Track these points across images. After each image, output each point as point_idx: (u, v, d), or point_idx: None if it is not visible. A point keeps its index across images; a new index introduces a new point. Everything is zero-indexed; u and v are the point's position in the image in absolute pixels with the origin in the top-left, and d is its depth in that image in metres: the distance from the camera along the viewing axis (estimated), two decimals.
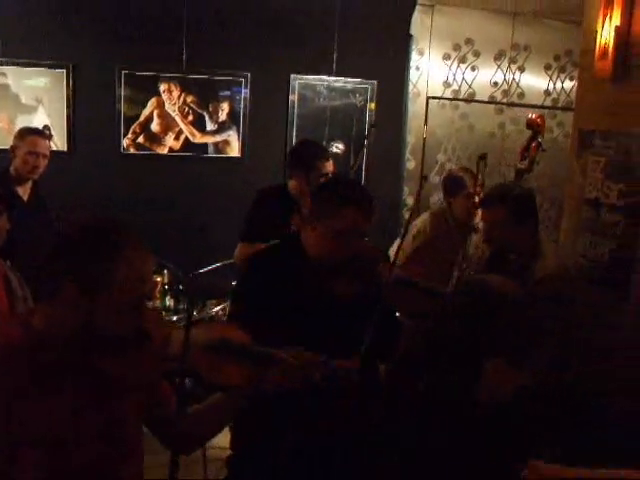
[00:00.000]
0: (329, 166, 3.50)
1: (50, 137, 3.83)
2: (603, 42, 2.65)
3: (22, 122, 4.59)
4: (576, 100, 3.04)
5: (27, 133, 3.67)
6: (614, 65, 2.60)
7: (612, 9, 2.61)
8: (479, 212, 3.74)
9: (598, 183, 2.77)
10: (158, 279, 4.32)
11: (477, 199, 3.64)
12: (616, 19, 2.59)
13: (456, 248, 3.75)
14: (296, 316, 1.94)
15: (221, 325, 1.74)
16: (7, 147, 4.21)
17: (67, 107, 4.71)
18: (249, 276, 2.34)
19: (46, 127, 4.60)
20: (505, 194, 2.78)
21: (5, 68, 4.55)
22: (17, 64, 4.56)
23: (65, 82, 4.68)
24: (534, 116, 3.52)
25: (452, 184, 3.94)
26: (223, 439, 2.09)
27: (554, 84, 5.58)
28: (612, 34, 2.59)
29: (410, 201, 5.53)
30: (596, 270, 2.75)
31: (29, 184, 3.70)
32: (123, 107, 4.83)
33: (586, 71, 2.88)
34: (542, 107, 5.56)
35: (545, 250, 2.79)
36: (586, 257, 2.82)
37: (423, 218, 4.10)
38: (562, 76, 5.58)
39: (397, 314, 2.75)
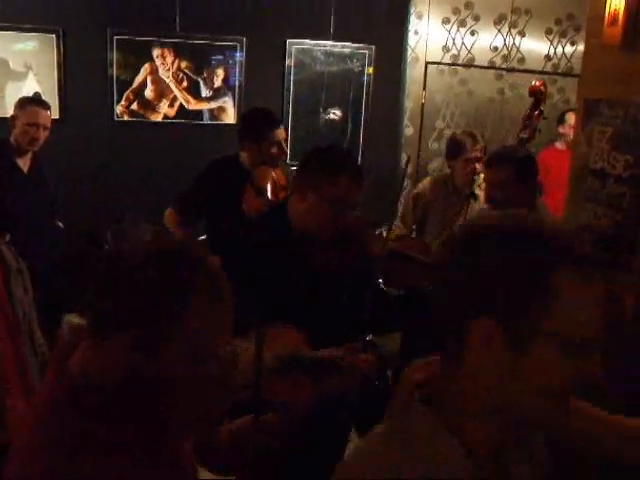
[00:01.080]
0: (281, 134, 3.41)
1: (49, 107, 3.70)
2: (613, 8, 2.56)
3: (11, 89, 4.49)
4: (582, 68, 2.95)
5: (27, 103, 3.58)
6: (624, 32, 2.52)
7: None
8: (480, 178, 3.70)
9: (604, 153, 2.71)
10: None
11: (478, 166, 3.58)
12: None
13: (454, 214, 3.72)
14: (294, 297, 1.86)
15: (278, 331, 1.52)
16: None
17: (58, 73, 4.58)
18: (245, 261, 2.06)
19: (37, 94, 4.48)
20: (510, 155, 2.85)
21: None
22: (5, 29, 4.42)
23: (55, 47, 4.55)
24: (537, 83, 3.44)
25: (453, 147, 3.87)
26: None
27: (555, 49, 5.50)
28: None
29: (409, 168, 5.46)
30: (600, 241, 2.71)
31: (29, 155, 3.62)
32: (115, 73, 4.71)
33: (593, 38, 2.79)
34: (542, 72, 5.48)
35: (541, 211, 2.82)
36: (589, 229, 2.77)
37: (423, 183, 4.04)
38: (563, 41, 5.49)
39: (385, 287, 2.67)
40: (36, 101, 3.71)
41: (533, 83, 3.49)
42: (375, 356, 1.65)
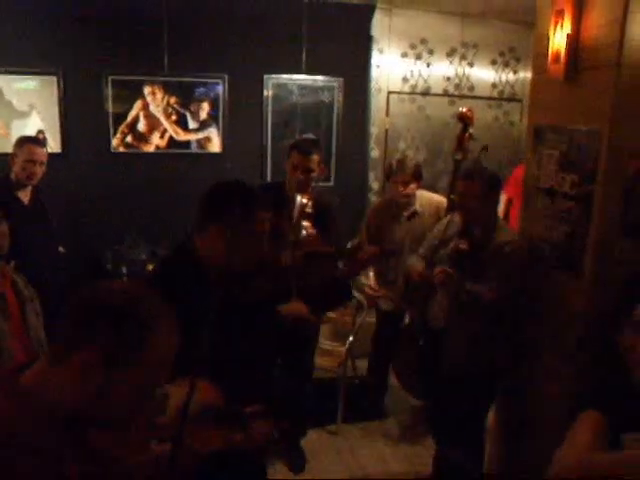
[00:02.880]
0: (312, 160, 3.21)
1: (45, 144, 3.68)
2: (555, 47, 2.64)
3: (17, 126, 4.42)
4: (530, 99, 3.03)
5: (24, 142, 3.54)
6: (566, 68, 2.59)
7: (563, 18, 2.58)
8: (415, 198, 3.68)
9: (552, 174, 2.78)
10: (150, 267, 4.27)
11: (402, 188, 3.57)
12: (567, 27, 2.56)
13: (395, 232, 3.71)
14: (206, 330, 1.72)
15: (205, 386, 1.51)
16: (5, 152, 4.08)
17: (59, 111, 4.53)
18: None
19: (40, 131, 4.45)
20: (481, 171, 2.93)
21: None
22: (9, 72, 4.36)
23: (56, 87, 4.50)
24: (464, 109, 3.50)
25: (386, 171, 3.91)
26: None
27: (500, 77, 5.61)
28: (564, 41, 2.57)
29: (375, 186, 5.53)
30: (553, 251, 2.78)
31: (29, 189, 3.58)
32: (111, 109, 4.67)
33: (539, 73, 2.86)
34: (490, 98, 5.60)
35: (501, 224, 2.96)
36: (543, 240, 2.84)
37: (370, 208, 4.03)
38: (506, 70, 5.60)
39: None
40: (32, 140, 3.69)
41: (461, 109, 3.52)
42: (272, 425, 1.59)
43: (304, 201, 3.12)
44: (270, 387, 2.19)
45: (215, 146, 5.02)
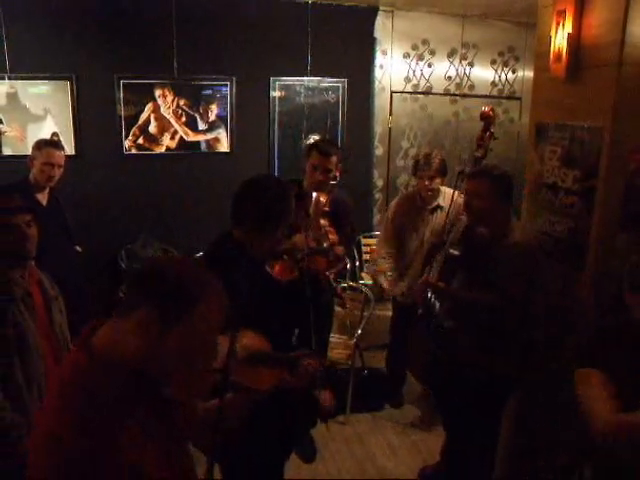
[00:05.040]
0: (329, 162, 3.32)
1: (63, 147, 3.67)
2: (557, 47, 2.63)
3: (33, 130, 4.42)
4: (532, 97, 3.02)
5: (43, 145, 3.54)
6: (567, 67, 2.59)
7: (564, 18, 2.58)
8: (441, 192, 3.71)
9: (555, 170, 2.78)
10: None
11: (428, 182, 3.58)
12: (568, 27, 2.56)
13: (418, 225, 3.73)
14: (255, 305, 1.87)
15: (251, 335, 1.65)
16: (21, 154, 4.11)
17: (72, 115, 4.53)
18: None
19: (55, 134, 4.45)
20: (491, 170, 2.79)
21: (14, 82, 4.35)
22: (24, 78, 4.37)
23: (69, 91, 4.50)
24: (487, 109, 3.47)
25: (413, 165, 3.90)
26: None
27: (499, 76, 5.60)
28: (565, 40, 2.57)
29: (380, 183, 5.53)
30: (555, 246, 2.78)
31: (47, 190, 3.59)
32: (123, 112, 4.68)
33: (541, 71, 2.85)
34: (489, 97, 5.59)
35: (516, 225, 2.82)
36: (547, 234, 2.84)
37: (392, 202, 4.04)
38: (506, 69, 5.60)
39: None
40: (51, 143, 3.68)
41: (483, 109, 3.50)
42: (318, 363, 1.72)
43: (322, 199, 3.16)
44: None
45: (223, 146, 5.02)
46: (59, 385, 1.15)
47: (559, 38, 2.63)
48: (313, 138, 5.26)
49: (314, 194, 3.19)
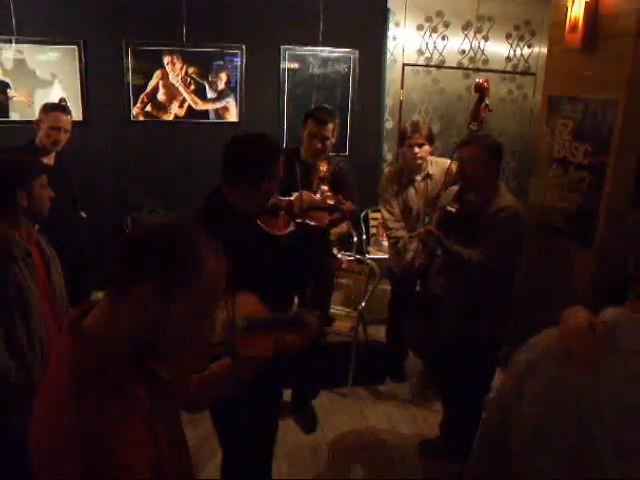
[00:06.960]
0: (326, 130, 3.27)
1: (70, 112, 3.63)
2: (573, 16, 2.55)
3: (40, 95, 4.39)
4: (546, 68, 2.94)
5: (50, 109, 3.50)
6: (583, 37, 2.51)
7: None
8: (427, 161, 3.62)
9: (566, 144, 2.71)
10: None
11: (417, 150, 3.51)
12: None
13: (410, 193, 3.66)
14: (249, 263, 1.81)
15: (245, 298, 1.58)
16: (29, 119, 4.07)
17: (80, 80, 4.49)
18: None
19: (62, 99, 4.41)
20: (484, 138, 2.84)
21: (21, 46, 4.30)
22: (32, 42, 4.31)
23: (77, 57, 4.44)
24: (481, 80, 3.37)
25: (399, 135, 3.82)
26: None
27: (514, 51, 5.46)
28: (582, 9, 2.48)
29: (389, 157, 5.45)
30: (565, 221, 2.72)
31: (52, 154, 3.55)
32: (131, 79, 4.62)
33: (556, 42, 2.77)
34: (504, 72, 5.46)
35: (502, 190, 2.81)
36: (555, 210, 2.78)
37: (382, 181, 3.94)
38: (521, 44, 5.46)
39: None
40: (58, 107, 3.62)
41: (477, 80, 3.41)
42: (319, 317, 1.66)
43: (322, 167, 3.15)
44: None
45: (232, 115, 4.96)
46: (51, 376, 1.07)
47: (576, 7, 2.55)
48: None
49: (316, 164, 3.18)
